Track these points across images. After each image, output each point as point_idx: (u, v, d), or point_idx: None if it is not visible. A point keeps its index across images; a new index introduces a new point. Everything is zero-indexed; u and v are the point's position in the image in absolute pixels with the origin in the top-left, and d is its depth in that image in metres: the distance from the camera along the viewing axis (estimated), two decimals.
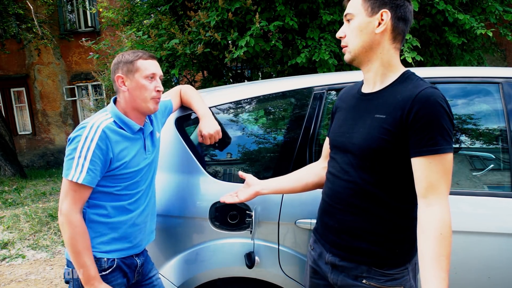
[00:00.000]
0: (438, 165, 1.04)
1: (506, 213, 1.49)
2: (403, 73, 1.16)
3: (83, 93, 11.29)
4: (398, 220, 1.14)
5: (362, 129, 1.16)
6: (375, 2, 1.13)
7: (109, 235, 1.41)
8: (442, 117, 1.04)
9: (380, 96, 1.16)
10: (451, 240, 1.03)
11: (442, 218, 1.03)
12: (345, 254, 1.19)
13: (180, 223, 1.66)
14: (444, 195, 1.05)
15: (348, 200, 1.18)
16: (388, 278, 1.14)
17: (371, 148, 1.12)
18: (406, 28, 1.16)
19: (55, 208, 5.38)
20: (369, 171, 1.14)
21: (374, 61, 1.17)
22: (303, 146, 1.62)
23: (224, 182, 1.66)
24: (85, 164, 1.31)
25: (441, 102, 1.05)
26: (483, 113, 1.68)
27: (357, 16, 1.15)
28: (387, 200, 1.13)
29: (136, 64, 1.41)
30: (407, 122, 1.06)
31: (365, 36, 1.14)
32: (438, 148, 1.03)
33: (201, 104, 1.67)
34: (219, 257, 1.62)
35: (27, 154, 11.40)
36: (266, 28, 3.43)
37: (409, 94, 1.07)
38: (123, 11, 4.98)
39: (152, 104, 1.44)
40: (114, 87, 1.47)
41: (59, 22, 10.72)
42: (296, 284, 1.59)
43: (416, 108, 1.04)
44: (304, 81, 1.75)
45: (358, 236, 1.17)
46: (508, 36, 4.02)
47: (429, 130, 1.04)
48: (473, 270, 1.48)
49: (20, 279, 3.37)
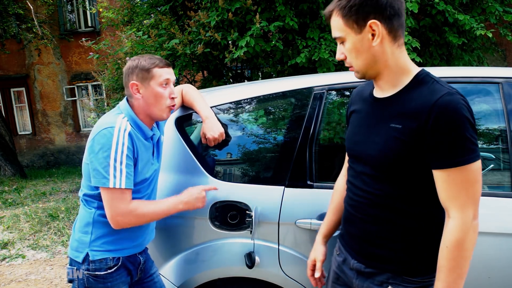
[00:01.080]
0: (458, 177, 0.99)
1: (506, 213, 1.49)
2: (417, 75, 1.08)
3: (83, 93, 11.29)
4: (421, 227, 1.10)
5: (378, 139, 1.10)
6: (358, 17, 1.03)
7: (114, 235, 1.42)
8: (463, 125, 0.96)
9: (394, 102, 1.09)
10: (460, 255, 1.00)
11: (452, 231, 1.00)
12: (370, 261, 1.16)
13: (180, 223, 1.66)
14: (464, 207, 0.99)
15: (368, 210, 1.15)
16: (415, 286, 1.11)
17: (389, 159, 1.06)
18: (402, 18, 1.06)
19: (55, 208, 5.38)
20: (387, 182, 1.10)
21: (383, 70, 1.09)
22: (303, 146, 1.62)
23: (224, 182, 1.66)
24: (122, 169, 1.31)
25: (461, 110, 0.97)
26: (483, 113, 1.68)
27: (347, 37, 1.07)
28: (408, 210, 1.09)
29: (152, 72, 1.40)
30: (425, 133, 1.00)
31: (365, 54, 1.06)
32: (459, 160, 0.98)
33: (204, 105, 1.66)
34: (219, 257, 1.62)
35: (27, 154, 11.40)
36: (266, 28, 3.43)
37: (426, 101, 1.00)
38: (123, 11, 4.98)
39: (166, 113, 1.45)
40: (127, 92, 1.45)
41: (59, 22, 10.72)
42: (296, 284, 1.59)
43: (433, 119, 0.97)
44: (304, 81, 1.75)
45: (381, 244, 1.14)
46: (508, 36, 4.02)
47: (448, 143, 0.98)
48: (473, 270, 1.48)
49: (20, 279, 3.37)
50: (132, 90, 1.42)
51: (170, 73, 1.44)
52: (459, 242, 0.99)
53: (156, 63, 1.41)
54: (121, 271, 1.43)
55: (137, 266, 1.50)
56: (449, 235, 1.01)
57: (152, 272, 1.59)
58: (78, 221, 1.46)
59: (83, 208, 1.44)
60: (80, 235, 1.42)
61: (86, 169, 1.38)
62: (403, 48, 1.09)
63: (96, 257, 1.39)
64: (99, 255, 1.40)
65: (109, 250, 1.41)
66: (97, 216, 1.40)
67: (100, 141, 1.31)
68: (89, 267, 1.39)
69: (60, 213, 5.14)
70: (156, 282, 1.59)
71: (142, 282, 1.56)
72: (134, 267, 1.49)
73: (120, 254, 1.43)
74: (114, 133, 1.32)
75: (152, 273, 1.58)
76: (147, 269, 1.57)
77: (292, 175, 1.60)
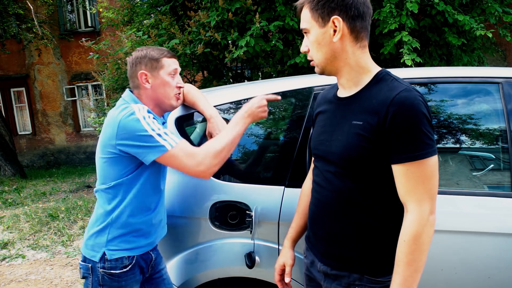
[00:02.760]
0: (416, 171, 1.01)
1: (506, 213, 1.49)
2: (377, 74, 1.12)
3: (83, 93, 11.29)
4: (385, 227, 1.12)
5: (340, 136, 1.13)
6: (323, 11, 1.08)
7: (131, 234, 1.42)
8: (420, 121, 1.00)
9: (355, 100, 1.13)
10: (417, 248, 1.01)
11: (409, 225, 1.02)
12: (336, 263, 1.18)
13: (180, 223, 1.66)
14: (421, 201, 1.02)
15: (334, 209, 1.16)
16: (380, 286, 1.12)
17: (352, 156, 1.09)
18: (365, 22, 1.10)
19: (55, 208, 5.38)
20: (351, 179, 1.12)
21: (343, 67, 1.13)
22: (303, 146, 1.62)
23: (224, 182, 1.66)
24: (166, 132, 1.32)
25: (417, 105, 1.00)
26: (483, 113, 1.68)
27: (311, 29, 1.12)
28: (373, 207, 1.11)
29: (162, 61, 1.43)
30: (384, 129, 1.03)
31: (325, 48, 1.11)
32: (416, 154, 1.00)
33: (207, 105, 1.64)
34: (219, 257, 1.63)
35: (27, 154, 11.40)
36: (266, 28, 3.43)
37: (384, 98, 1.04)
38: (123, 11, 4.98)
39: (175, 101, 1.47)
40: (133, 83, 1.45)
41: (59, 22, 10.73)
42: (296, 284, 1.59)
43: (392, 114, 1.01)
44: (304, 81, 1.75)
45: (347, 245, 1.15)
46: (507, 37, 4.02)
47: (405, 137, 1.00)
48: (473, 270, 1.48)
49: (20, 279, 3.37)
50: (141, 80, 1.43)
51: (177, 64, 1.49)
52: (416, 236, 1.01)
53: (165, 54, 1.45)
54: (135, 269, 1.44)
55: (149, 263, 1.51)
56: (407, 229, 1.03)
57: (161, 267, 1.59)
58: (95, 219, 1.45)
59: (100, 206, 1.44)
60: (96, 234, 1.42)
61: (101, 163, 1.39)
62: (366, 51, 1.13)
63: (113, 256, 1.40)
64: (116, 254, 1.40)
65: (125, 249, 1.42)
66: (115, 216, 1.40)
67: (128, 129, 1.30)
68: (105, 265, 1.40)
69: (60, 213, 5.15)
70: (164, 279, 1.59)
71: (151, 279, 1.56)
72: (146, 264, 1.49)
73: (135, 253, 1.43)
74: (137, 115, 1.31)
75: (160, 269, 1.58)
76: (156, 265, 1.57)
77: (292, 175, 1.60)
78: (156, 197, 1.48)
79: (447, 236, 1.47)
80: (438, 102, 1.71)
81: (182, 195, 1.67)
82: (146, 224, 1.45)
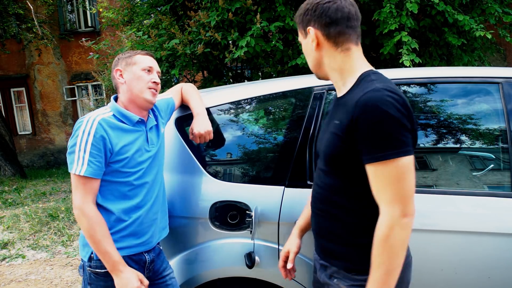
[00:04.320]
0: (384, 172, 1.00)
1: (506, 213, 1.49)
2: (361, 75, 1.13)
3: (83, 93, 11.29)
4: (363, 226, 1.13)
5: (326, 135, 1.18)
6: (303, 24, 1.19)
7: (118, 233, 1.41)
8: (383, 122, 0.98)
9: (342, 101, 1.16)
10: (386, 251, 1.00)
11: (378, 227, 1.02)
12: (322, 254, 1.25)
13: (180, 223, 1.66)
14: (391, 203, 1.01)
15: (320, 204, 1.22)
16: (355, 284, 1.13)
17: (331, 154, 1.14)
18: (341, 26, 1.13)
19: (55, 208, 5.38)
20: (333, 176, 1.16)
21: (329, 72, 1.19)
22: (303, 146, 1.62)
23: (224, 182, 1.66)
24: (85, 157, 1.34)
25: (381, 105, 0.99)
26: (483, 113, 1.68)
27: (301, 41, 1.24)
28: (350, 206, 1.14)
29: (134, 58, 1.49)
30: (353, 129, 1.04)
31: (310, 57, 1.21)
32: (380, 155, 1.00)
33: (198, 103, 1.68)
34: (219, 257, 1.63)
35: (27, 154, 11.40)
36: (267, 28, 3.44)
37: (355, 99, 1.05)
38: (123, 11, 4.98)
39: (149, 95, 1.47)
40: (114, 83, 1.53)
41: (59, 22, 10.73)
42: (296, 284, 1.59)
43: (357, 115, 1.02)
44: (304, 81, 1.75)
45: (330, 239, 1.20)
46: (507, 37, 4.02)
47: (370, 138, 1.01)
48: (473, 270, 1.48)
49: (20, 279, 3.37)
50: (116, 77, 1.49)
51: (152, 62, 1.52)
52: (384, 238, 1.00)
53: (138, 52, 1.52)
54: None
55: (142, 265, 1.47)
56: (377, 230, 1.03)
57: (166, 273, 1.57)
58: None
59: None
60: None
61: None
62: (348, 53, 1.15)
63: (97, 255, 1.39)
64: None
65: None
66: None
67: (73, 131, 1.39)
68: (91, 264, 1.41)
69: (60, 213, 5.15)
70: (169, 285, 1.56)
71: (153, 284, 1.54)
72: (139, 265, 1.46)
73: (123, 253, 1.41)
74: (83, 123, 1.38)
75: (165, 275, 1.56)
76: (156, 269, 1.54)
77: (292, 175, 1.60)
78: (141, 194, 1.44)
79: (447, 236, 1.48)
80: (438, 102, 1.71)
81: (182, 195, 1.67)
82: (135, 222, 1.43)
